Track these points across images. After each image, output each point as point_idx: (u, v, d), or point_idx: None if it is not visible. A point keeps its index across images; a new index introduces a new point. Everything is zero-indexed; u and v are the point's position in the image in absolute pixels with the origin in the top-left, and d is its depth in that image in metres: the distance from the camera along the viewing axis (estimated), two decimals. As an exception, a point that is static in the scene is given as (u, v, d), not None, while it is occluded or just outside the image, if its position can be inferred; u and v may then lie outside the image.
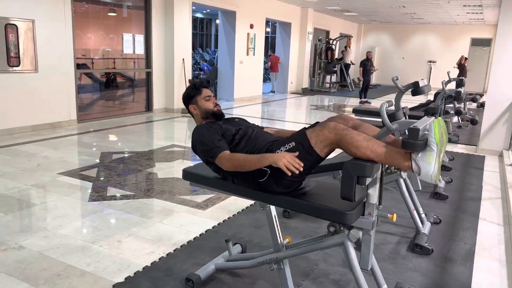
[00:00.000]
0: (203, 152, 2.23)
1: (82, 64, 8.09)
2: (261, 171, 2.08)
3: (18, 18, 6.19)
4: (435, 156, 1.80)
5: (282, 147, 2.09)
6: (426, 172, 1.81)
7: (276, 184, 2.08)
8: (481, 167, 5.50)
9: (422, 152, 1.83)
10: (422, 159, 1.82)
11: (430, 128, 1.83)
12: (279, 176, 2.05)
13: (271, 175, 2.07)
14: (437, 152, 1.80)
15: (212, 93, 2.49)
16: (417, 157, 1.83)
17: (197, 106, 2.44)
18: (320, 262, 2.78)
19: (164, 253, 2.85)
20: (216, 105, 2.46)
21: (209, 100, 2.44)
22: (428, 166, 1.80)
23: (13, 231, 3.11)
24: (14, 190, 3.95)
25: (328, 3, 13.34)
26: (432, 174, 1.81)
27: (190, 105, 2.47)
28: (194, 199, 3.89)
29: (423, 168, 1.82)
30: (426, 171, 1.81)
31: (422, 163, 1.82)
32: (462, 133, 7.69)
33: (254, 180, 2.14)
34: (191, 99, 2.46)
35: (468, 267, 2.83)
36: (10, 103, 6.26)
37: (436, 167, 1.81)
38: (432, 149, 1.81)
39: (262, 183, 2.11)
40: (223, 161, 2.12)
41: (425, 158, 1.81)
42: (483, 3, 11.70)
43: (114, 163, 5.01)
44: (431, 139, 1.81)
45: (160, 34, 8.81)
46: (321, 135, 1.99)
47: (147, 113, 8.90)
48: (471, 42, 18.34)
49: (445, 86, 4.89)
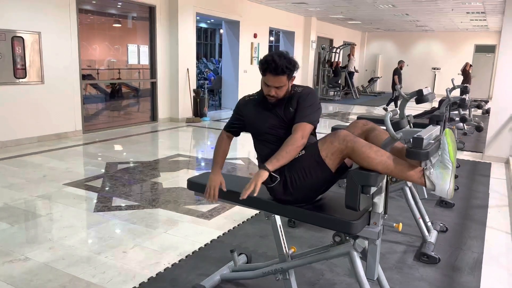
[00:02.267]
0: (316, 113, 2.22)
1: (88, 75, 8.16)
2: (272, 176, 2.08)
3: (25, 31, 6.27)
4: (450, 174, 1.83)
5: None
6: (441, 189, 1.83)
7: (284, 192, 2.09)
8: (488, 174, 5.46)
9: (435, 169, 1.84)
10: (437, 177, 1.83)
11: (443, 145, 1.83)
12: (288, 186, 2.06)
13: (279, 182, 2.08)
14: (452, 170, 1.82)
15: (275, 84, 2.15)
16: (431, 174, 1.84)
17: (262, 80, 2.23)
18: (326, 272, 2.76)
19: (170, 263, 2.84)
20: (271, 97, 2.19)
21: (266, 86, 2.18)
22: (444, 183, 1.82)
23: (19, 242, 3.12)
24: (20, 201, 3.97)
25: (331, 11, 13.40)
26: (448, 190, 1.83)
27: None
28: (199, 209, 3.89)
29: (438, 186, 1.83)
30: (442, 188, 1.83)
31: (437, 180, 1.83)
32: (467, 140, 7.65)
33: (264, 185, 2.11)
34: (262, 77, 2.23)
35: (476, 276, 2.80)
36: (17, 114, 6.31)
37: (452, 184, 1.83)
38: (447, 167, 1.83)
39: (270, 189, 2.12)
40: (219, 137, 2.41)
41: (440, 176, 1.83)
42: (487, 10, 11.71)
43: (119, 173, 5.03)
44: (445, 156, 1.83)
45: (164, 45, 8.88)
46: (331, 147, 1.99)
47: (152, 123, 8.95)
48: (475, 48, 18.31)
49: (450, 93, 4.88)
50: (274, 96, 2.19)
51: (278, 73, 2.12)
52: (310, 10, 13.01)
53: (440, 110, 4.74)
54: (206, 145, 7.31)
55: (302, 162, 2.05)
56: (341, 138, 1.97)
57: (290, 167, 2.07)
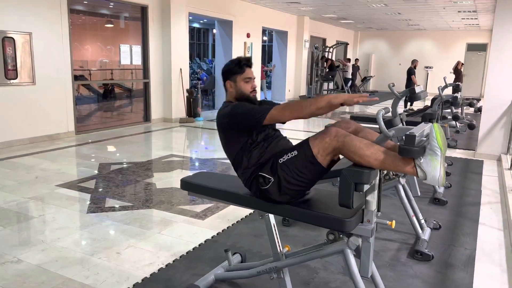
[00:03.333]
0: (248, 117, 2.12)
1: (80, 75, 8.11)
2: (265, 178, 2.09)
3: (15, 31, 6.21)
4: (439, 160, 1.83)
5: (285, 156, 2.09)
6: (432, 177, 1.84)
7: (278, 193, 2.08)
8: (480, 172, 5.50)
9: (425, 158, 1.85)
10: (427, 164, 1.84)
11: (431, 133, 1.85)
12: (282, 185, 2.06)
13: (274, 183, 2.07)
14: (441, 156, 1.83)
15: (253, 75, 2.35)
16: (420, 163, 1.85)
17: (234, 85, 2.32)
18: (320, 270, 2.76)
19: (164, 264, 2.83)
20: (253, 91, 2.34)
21: (248, 83, 2.32)
22: (434, 170, 1.83)
23: (11, 244, 3.09)
24: (12, 203, 3.93)
25: (324, 11, 13.44)
26: (439, 177, 1.83)
27: (227, 81, 2.34)
28: (193, 209, 3.88)
29: (428, 173, 1.84)
30: (432, 176, 1.83)
31: (427, 168, 1.84)
32: (460, 138, 7.71)
33: (257, 186, 2.14)
34: (230, 76, 2.33)
35: (469, 272, 2.82)
36: (8, 115, 6.26)
37: (442, 171, 1.84)
38: (436, 153, 1.83)
39: (265, 191, 2.11)
40: (276, 112, 2.03)
41: (430, 163, 1.84)
42: (478, 9, 11.80)
43: (112, 174, 5.00)
44: (434, 143, 1.83)
45: (157, 45, 8.85)
46: (323, 143, 1.99)
47: (145, 123, 8.91)
48: (467, 47, 18.46)
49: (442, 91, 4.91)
50: (255, 88, 2.38)
51: (251, 65, 2.37)
52: (303, 9, 13.04)
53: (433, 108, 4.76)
54: (199, 145, 7.29)
55: (295, 162, 2.06)
56: (332, 134, 1.98)
57: (283, 167, 2.07)
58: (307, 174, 2.04)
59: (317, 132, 2.10)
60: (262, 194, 2.14)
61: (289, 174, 2.05)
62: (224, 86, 2.39)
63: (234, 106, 2.23)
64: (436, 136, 1.83)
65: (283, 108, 2.04)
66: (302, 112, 1.97)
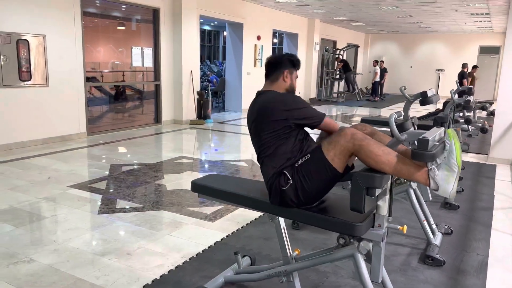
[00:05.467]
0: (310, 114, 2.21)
1: (92, 77, 8.19)
2: (286, 177, 2.08)
3: (29, 34, 6.30)
4: (455, 177, 1.85)
5: (300, 160, 2.09)
6: (444, 190, 1.85)
7: (294, 196, 2.07)
8: (493, 176, 5.43)
9: (441, 172, 1.85)
10: (441, 178, 1.85)
11: (451, 149, 1.86)
12: (298, 190, 2.05)
13: (291, 186, 2.06)
14: (457, 173, 1.84)
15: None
16: (435, 175, 1.85)
17: (291, 77, 2.38)
18: (330, 274, 2.75)
19: (173, 265, 2.84)
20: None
21: (296, 80, 2.44)
22: (447, 185, 1.84)
23: (23, 244, 3.13)
24: (25, 203, 3.98)
25: (334, 13, 13.40)
26: (451, 192, 1.84)
27: (286, 70, 2.35)
28: (202, 211, 3.89)
29: (441, 186, 1.85)
30: (445, 189, 1.85)
31: (441, 182, 1.85)
32: (472, 142, 7.62)
33: (278, 185, 2.10)
34: (291, 67, 2.37)
35: (481, 279, 2.78)
36: (21, 117, 6.34)
37: (455, 186, 1.85)
38: (453, 170, 1.85)
39: (282, 192, 2.09)
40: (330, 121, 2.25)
41: (445, 178, 1.84)
42: (491, 11, 11.67)
43: (123, 175, 5.04)
44: (453, 161, 1.85)
45: (168, 47, 8.91)
46: (338, 147, 1.97)
47: (156, 125, 8.97)
48: (480, 50, 18.25)
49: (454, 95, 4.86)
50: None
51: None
52: (314, 12, 13.02)
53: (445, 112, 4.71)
54: (209, 147, 7.31)
55: (308, 166, 2.04)
56: (348, 136, 1.95)
57: (298, 172, 2.06)
58: (322, 178, 2.02)
59: (329, 137, 2.09)
60: (279, 194, 2.10)
61: (303, 179, 2.04)
62: (275, 73, 2.36)
63: (296, 97, 2.27)
64: (456, 153, 1.84)
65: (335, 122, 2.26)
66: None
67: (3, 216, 3.66)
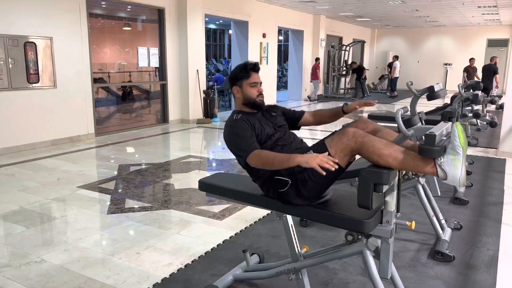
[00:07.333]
0: (236, 146, 2.19)
1: (99, 78, 8.25)
2: (282, 181, 2.07)
3: (37, 36, 6.36)
4: (461, 160, 1.80)
5: None
6: (453, 177, 1.80)
7: (296, 195, 2.07)
8: (502, 171, 5.38)
9: (446, 157, 1.81)
10: (448, 164, 1.80)
11: (453, 132, 1.81)
12: (300, 187, 2.05)
13: (291, 185, 2.06)
14: (463, 156, 1.79)
15: (260, 79, 2.36)
16: (441, 162, 1.81)
17: (241, 90, 2.32)
18: (339, 271, 2.75)
19: (182, 264, 2.86)
20: (260, 95, 2.34)
21: (254, 87, 2.31)
22: (455, 170, 1.79)
23: (34, 244, 3.17)
24: (35, 204, 4.03)
25: (340, 9, 13.34)
26: (460, 177, 1.80)
27: (234, 87, 2.35)
28: (211, 210, 3.91)
29: (449, 173, 1.80)
30: (453, 176, 1.80)
31: (448, 167, 1.80)
32: (481, 136, 7.55)
33: (275, 189, 2.13)
34: (236, 81, 2.34)
35: (492, 274, 2.76)
36: (30, 118, 6.41)
37: (463, 171, 1.80)
38: (458, 152, 1.79)
39: (282, 193, 2.10)
40: (252, 158, 2.07)
41: (451, 163, 1.80)
42: (498, 4, 11.53)
43: (131, 175, 5.07)
44: (456, 143, 1.80)
45: (174, 46, 8.93)
46: (340, 144, 1.97)
47: (163, 124, 9.01)
48: (488, 43, 18.05)
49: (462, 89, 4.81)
50: (262, 93, 2.36)
51: (258, 69, 2.37)
52: (319, 8, 12.97)
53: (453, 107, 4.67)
54: (217, 146, 7.33)
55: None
56: (350, 134, 1.95)
57: (299, 169, 2.06)
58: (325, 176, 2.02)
59: (332, 132, 2.08)
60: (280, 197, 2.13)
61: (305, 176, 2.04)
62: (231, 93, 2.39)
63: (234, 125, 2.22)
64: (458, 135, 1.79)
65: (260, 157, 2.04)
66: (274, 167, 2.00)
67: (14, 217, 3.70)
